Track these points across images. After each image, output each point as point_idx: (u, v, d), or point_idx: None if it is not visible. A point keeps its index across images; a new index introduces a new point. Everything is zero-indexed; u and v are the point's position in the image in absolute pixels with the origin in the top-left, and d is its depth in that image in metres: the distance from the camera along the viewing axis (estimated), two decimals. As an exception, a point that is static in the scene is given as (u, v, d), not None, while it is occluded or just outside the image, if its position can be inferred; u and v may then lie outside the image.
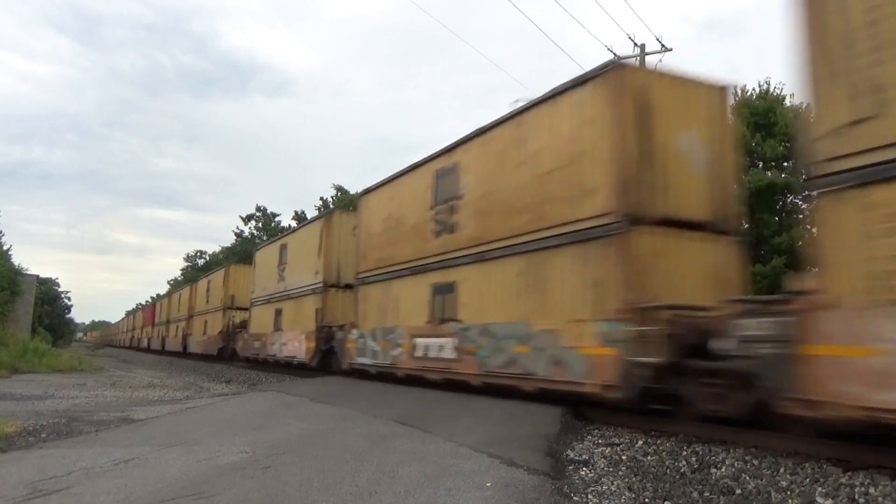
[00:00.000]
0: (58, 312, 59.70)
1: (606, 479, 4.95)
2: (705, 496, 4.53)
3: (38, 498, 4.14)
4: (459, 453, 5.43)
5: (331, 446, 5.84)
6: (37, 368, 18.63)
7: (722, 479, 4.92)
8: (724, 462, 5.40)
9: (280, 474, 4.70)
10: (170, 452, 5.58)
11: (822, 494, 4.41)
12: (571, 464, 5.45)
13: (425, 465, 4.99)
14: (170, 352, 37.74)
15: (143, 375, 20.05)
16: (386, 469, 4.83)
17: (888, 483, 4.50)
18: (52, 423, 7.57)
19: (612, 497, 4.49)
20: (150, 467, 4.99)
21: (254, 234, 55.33)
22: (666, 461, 5.57)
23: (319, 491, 4.23)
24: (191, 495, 4.15)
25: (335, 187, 47.57)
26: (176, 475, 4.72)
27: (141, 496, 4.16)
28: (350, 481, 4.48)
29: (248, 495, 4.15)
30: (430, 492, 4.20)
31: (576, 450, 6.05)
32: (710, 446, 6.00)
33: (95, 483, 4.50)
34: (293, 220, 51.30)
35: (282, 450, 5.64)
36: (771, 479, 4.83)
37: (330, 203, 45.15)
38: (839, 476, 4.76)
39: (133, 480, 4.55)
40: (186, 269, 70.68)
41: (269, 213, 57.00)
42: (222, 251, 58.57)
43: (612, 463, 5.56)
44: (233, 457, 5.36)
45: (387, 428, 6.86)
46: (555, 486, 4.53)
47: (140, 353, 48.07)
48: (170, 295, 45.15)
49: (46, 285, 52.25)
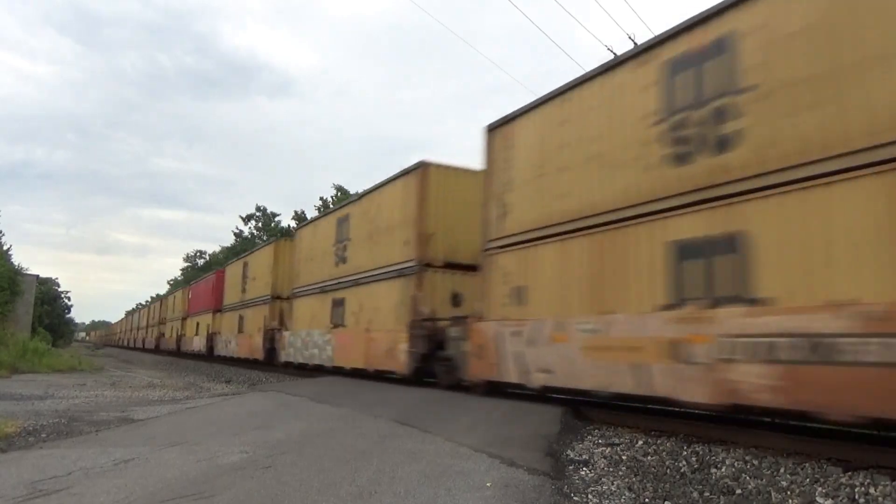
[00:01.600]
0: (58, 312, 59.64)
1: (606, 479, 4.95)
2: (705, 496, 4.53)
3: (38, 498, 4.13)
4: (459, 453, 5.43)
5: (331, 446, 5.84)
6: (37, 368, 18.64)
7: (722, 479, 4.92)
8: (724, 462, 5.40)
9: (280, 474, 4.70)
10: (170, 452, 5.58)
11: (822, 494, 4.41)
12: (571, 464, 5.45)
13: (425, 465, 4.99)
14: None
15: (142, 375, 20.05)
16: (386, 469, 4.83)
17: (888, 483, 4.50)
18: (52, 423, 7.57)
19: (613, 497, 4.49)
20: (150, 467, 4.99)
21: (253, 235, 55.36)
22: (666, 461, 5.57)
23: (319, 491, 4.23)
24: (191, 495, 4.15)
25: (335, 187, 47.71)
26: (176, 475, 4.71)
27: (141, 496, 4.16)
28: (350, 481, 4.47)
29: (248, 495, 4.15)
30: (430, 492, 4.20)
31: (576, 450, 6.04)
32: (710, 446, 5.99)
33: (95, 483, 4.49)
34: (293, 221, 51.35)
35: (282, 450, 5.64)
36: (771, 479, 4.83)
37: (330, 203, 45.19)
38: (839, 476, 4.76)
39: (133, 480, 4.55)
40: (186, 269, 70.71)
41: (269, 213, 57.06)
42: (222, 251, 58.61)
43: (612, 463, 5.56)
44: (233, 457, 5.36)
45: (387, 428, 6.86)
46: (555, 486, 4.52)
47: (141, 353, 47.94)
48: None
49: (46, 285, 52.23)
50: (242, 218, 57.26)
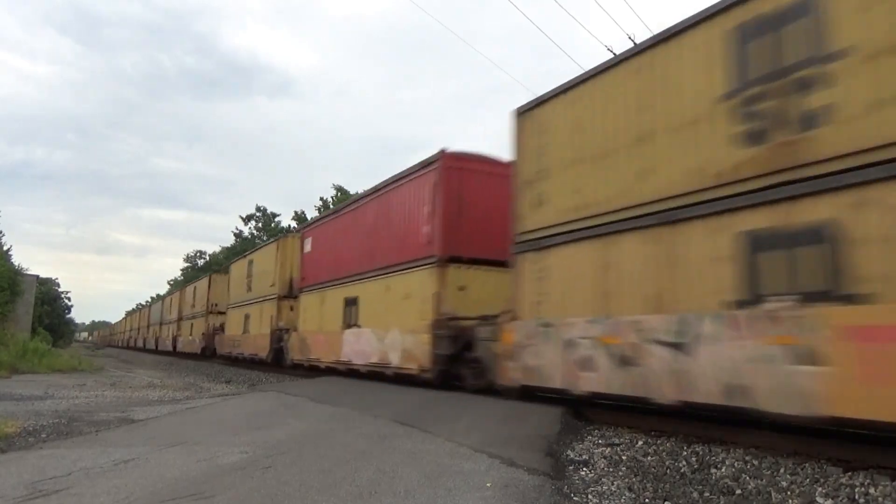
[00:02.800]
0: (58, 312, 59.61)
1: (606, 480, 4.95)
2: (705, 496, 4.53)
3: (38, 498, 4.13)
4: (459, 453, 5.43)
5: (331, 446, 5.84)
6: (37, 368, 18.64)
7: (722, 479, 4.92)
8: (724, 462, 5.40)
9: (280, 474, 4.70)
10: (170, 453, 5.58)
11: (822, 494, 4.41)
12: (571, 464, 5.45)
13: (425, 465, 4.99)
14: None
15: (142, 375, 20.05)
16: (386, 469, 4.83)
17: (888, 483, 4.50)
18: (52, 424, 7.57)
19: (613, 497, 4.49)
20: (150, 467, 4.99)
21: (253, 235, 55.36)
22: (666, 461, 5.57)
23: (319, 491, 4.23)
24: (191, 495, 4.15)
25: (335, 187, 47.70)
26: (176, 475, 4.72)
27: (141, 496, 4.16)
28: (350, 481, 4.48)
29: (248, 495, 4.15)
30: (430, 492, 4.20)
31: (576, 450, 6.05)
32: (710, 446, 5.99)
33: (95, 483, 4.50)
34: (293, 221, 51.35)
35: (282, 450, 5.64)
36: (771, 479, 4.83)
37: (330, 203, 45.19)
38: (839, 476, 4.76)
39: (133, 481, 4.55)
40: (186, 269, 70.68)
41: (269, 214, 57.06)
42: (222, 251, 58.60)
43: (612, 463, 5.56)
44: (233, 457, 5.36)
45: (387, 428, 6.86)
46: (555, 486, 4.53)
47: (141, 353, 47.77)
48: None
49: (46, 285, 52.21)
50: (242, 218, 57.30)
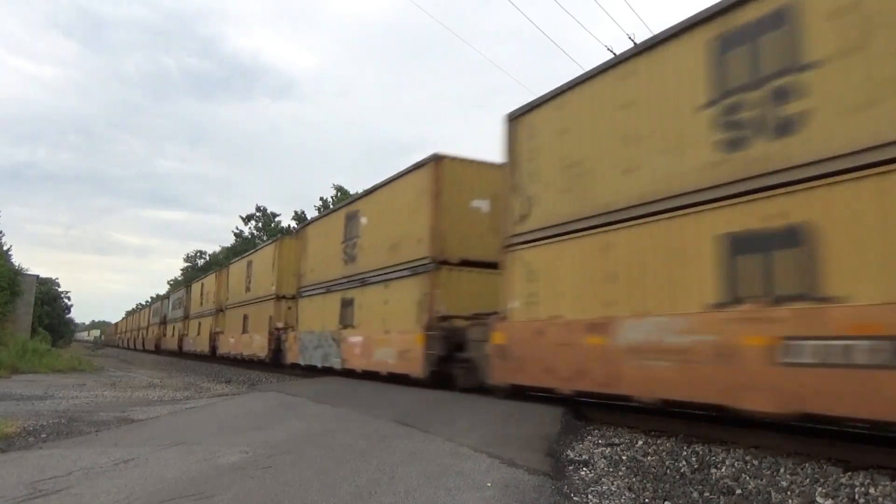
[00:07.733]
0: (58, 312, 59.66)
1: (606, 480, 4.95)
2: (705, 496, 4.53)
3: (38, 498, 4.13)
4: (460, 453, 5.42)
5: (331, 446, 5.84)
6: (37, 368, 18.65)
7: (722, 479, 4.92)
8: (724, 462, 5.40)
9: (280, 474, 4.70)
10: (170, 452, 5.57)
11: (822, 494, 4.41)
12: (571, 464, 5.45)
13: (425, 465, 4.99)
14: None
15: (142, 376, 20.06)
16: (386, 469, 4.83)
17: (888, 483, 4.50)
18: (52, 424, 7.57)
19: (613, 497, 4.49)
20: (150, 467, 4.99)
21: (254, 235, 55.35)
22: (666, 461, 5.57)
23: (319, 491, 4.23)
24: (191, 495, 4.15)
25: (335, 187, 47.72)
26: (176, 475, 4.71)
27: (141, 496, 4.16)
28: (350, 481, 4.47)
29: (248, 495, 4.15)
30: (430, 492, 4.20)
31: (576, 450, 6.05)
32: (710, 446, 5.99)
33: (95, 483, 4.49)
34: (293, 221, 51.34)
35: (282, 450, 5.63)
36: (771, 479, 4.83)
37: (330, 203, 45.21)
38: (839, 476, 4.76)
39: (133, 480, 4.55)
40: (186, 269, 70.70)
41: (270, 214, 57.05)
42: (222, 251, 58.59)
43: (612, 463, 5.56)
44: (233, 457, 5.36)
45: (387, 428, 6.86)
46: (555, 486, 4.52)
47: (139, 353, 47.71)
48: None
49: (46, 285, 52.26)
50: (242, 218, 57.26)
